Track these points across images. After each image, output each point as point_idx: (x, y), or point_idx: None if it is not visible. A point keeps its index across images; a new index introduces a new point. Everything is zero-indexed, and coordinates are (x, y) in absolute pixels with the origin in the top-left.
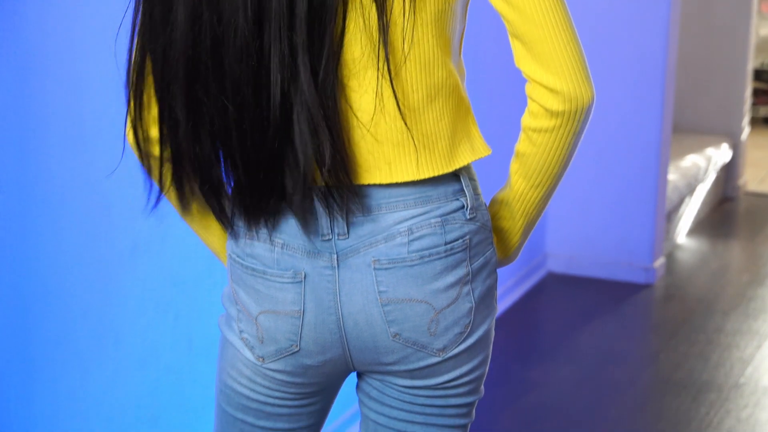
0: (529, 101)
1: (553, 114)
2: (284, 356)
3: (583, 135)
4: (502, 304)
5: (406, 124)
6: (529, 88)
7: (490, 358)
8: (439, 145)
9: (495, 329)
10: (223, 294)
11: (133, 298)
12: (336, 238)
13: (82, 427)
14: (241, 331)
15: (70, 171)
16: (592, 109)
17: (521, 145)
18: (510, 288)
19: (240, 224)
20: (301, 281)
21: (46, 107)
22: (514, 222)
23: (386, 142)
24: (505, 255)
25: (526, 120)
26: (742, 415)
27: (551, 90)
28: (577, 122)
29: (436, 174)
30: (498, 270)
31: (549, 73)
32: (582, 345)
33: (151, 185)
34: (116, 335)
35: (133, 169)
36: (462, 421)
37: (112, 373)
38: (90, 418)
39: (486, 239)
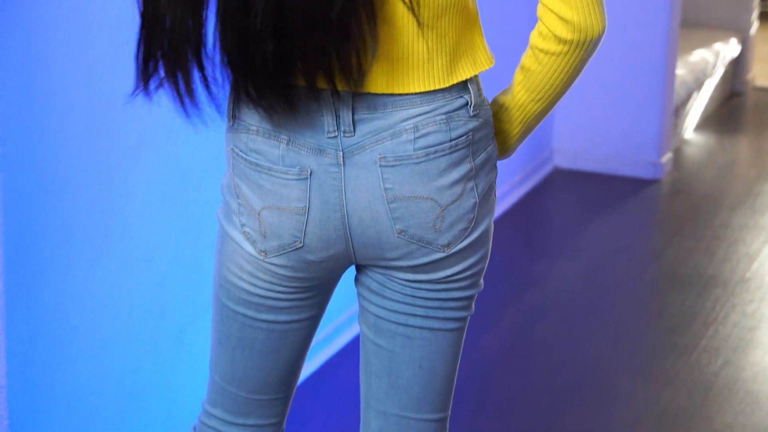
0: (539, 23)
1: (561, 41)
2: (287, 252)
3: (589, 60)
4: (508, 200)
5: (411, 38)
6: (541, 11)
7: (489, 253)
8: (440, 61)
9: (502, 225)
10: (222, 184)
11: (139, 192)
12: (342, 135)
13: (88, 322)
14: (242, 225)
15: (74, 63)
16: (602, 39)
17: (527, 60)
18: (516, 183)
19: (241, 117)
20: (307, 178)
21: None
22: (511, 126)
23: (390, 55)
24: (500, 154)
25: (535, 38)
26: (747, 310)
27: (562, 18)
28: (584, 51)
29: (434, 88)
30: (505, 165)
31: (561, 2)
32: (588, 240)
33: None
34: (122, 229)
35: None
36: (462, 314)
37: (119, 268)
38: (96, 312)
39: (488, 135)
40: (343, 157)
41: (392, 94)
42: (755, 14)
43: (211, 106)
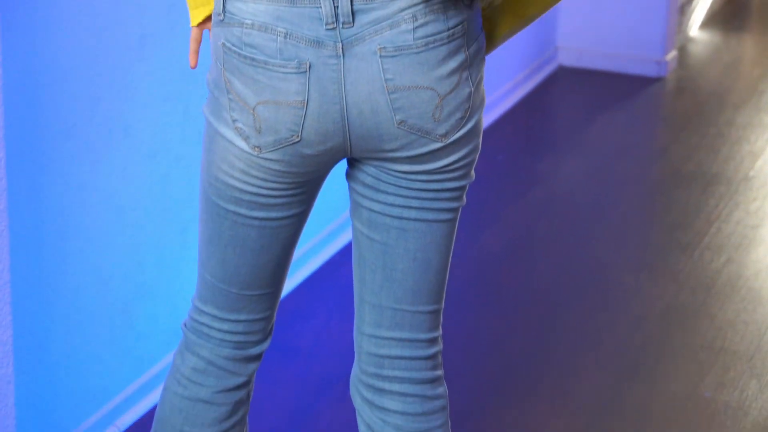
0: None
1: None
2: (283, 146)
3: None
4: (512, 98)
5: None
6: None
7: (480, 143)
8: None
9: (505, 123)
10: (208, 80)
11: (142, 89)
12: (341, 26)
13: (92, 218)
14: (234, 121)
15: None
16: None
17: None
18: (520, 82)
19: (233, 10)
20: (306, 71)
21: None
22: (497, 28)
23: None
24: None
25: None
26: (750, 208)
27: None
28: None
29: None
30: (509, 63)
31: None
32: (592, 138)
33: None
34: (126, 127)
35: None
36: (455, 204)
37: (122, 165)
38: (100, 209)
39: (479, 25)
40: (342, 49)
41: None
42: None
43: None
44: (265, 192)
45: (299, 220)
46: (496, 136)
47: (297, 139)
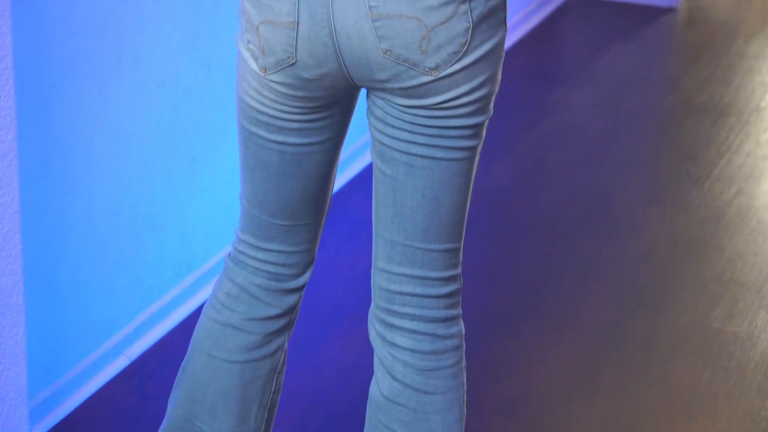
0: None
1: None
2: (283, 68)
3: None
4: (522, 29)
5: None
6: None
7: (498, 80)
8: None
9: (516, 54)
10: (238, 9)
11: (151, 18)
12: None
13: (101, 148)
14: (248, 42)
15: None
16: None
17: None
18: (531, 12)
19: None
20: None
21: None
22: None
23: None
24: None
25: None
26: (761, 139)
27: None
28: None
29: None
30: None
31: None
32: (603, 69)
33: None
34: (135, 57)
35: None
36: (466, 143)
37: (131, 95)
38: (109, 139)
39: None
40: None
41: None
42: None
43: None
44: (279, 115)
45: (322, 149)
46: (506, 67)
47: (293, 61)
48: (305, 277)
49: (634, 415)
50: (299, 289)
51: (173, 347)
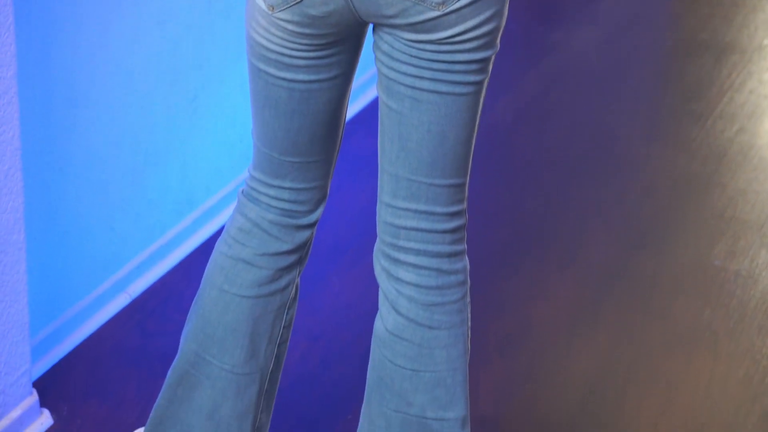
0: None
1: None
2: (290, 6)
3: None
4: None
5: None
6: None
7: (504, 14)
8: None
9: None
10: None
11: None
12: None
13: (102, 86)
14: None
15: None
16: None
17: None
18: None
19: None
20: None
21: None
22: None
23: None
24: None
25: None
26: (763, 77)
27: None
28: None
29: None
30: None
31: None
32: (605, 7)
33: None
34: None
35: None
36: (472, 78)
37: (132, 32)
38: (110, 76)
39: None
40: None
41: None
42: None
43: None
44: (287, 52)
45: (331, 86)
46: (509, 6)
47: None
48: (317, 214)
49: (634, 352)
50: (311, 225)
51: (174, 285)
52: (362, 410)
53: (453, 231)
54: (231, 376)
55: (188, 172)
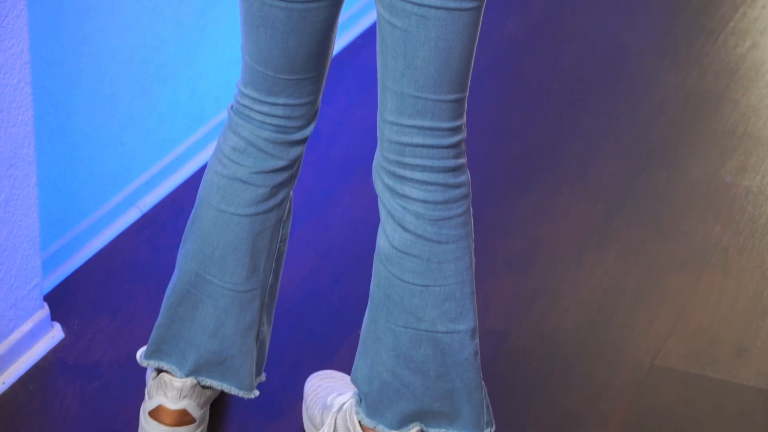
0: None
1: None
2: None
3: None
4: None
5: None
6: None
7: None
8: None
9: None
10: None
11: None
12: None
13: (111, 0)
14: None
15: None
16: None
17: None
18: None
19: None
20: None
21: None
22: None
23: None
24: None
25: None
26: None
27: None
28: None
29: None
30: None
31: None
32: None
33: None
34: None
35: None
36: None
37: None
38: None
39: None
40: None
41: None
42: None
43: None
44: None
45: (329, 4)
46: None
47: None
48: (310, 129)
49: (644, 269)
50: (304, 140)
51: (185, 200)
52: (364, 327)
53: (456, 145)
54: (233, 294)
55: (198, 86)
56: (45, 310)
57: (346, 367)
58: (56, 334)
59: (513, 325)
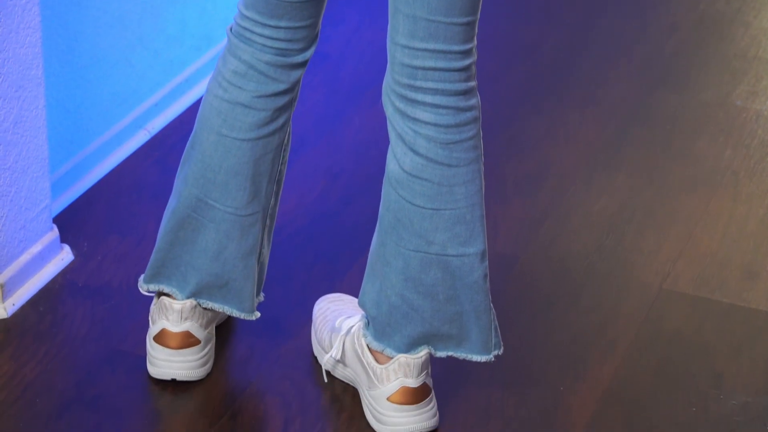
0: None
1: None
2: None
3: None
4: None
5: None
6: None
7: None
8: None
9: None
10: None
11: None
12: None
13: None
14: None
15: None
16: None
17: None
18: None
19: None
20: None
21: None
22: None
23: None
24: None
25: None
26: None
27: None
28: None
29: None
30: None
31: None
32: None
33: None
34: None
35: None
36: None
37: None
38: None
39: None
40: None
41: None
42: None
43: None
44: None
45: None
46: None
47: None
48: (311, 51)
49: (654, 191)
50: (305, 63)
51: (193, 122)
52: (373, 250)
53: (467, 68)
54: (235, 218)
55: (207, 7)
56: (54, 232)
57: (355, 290)
58: (66, 255)
59: (522, 248)
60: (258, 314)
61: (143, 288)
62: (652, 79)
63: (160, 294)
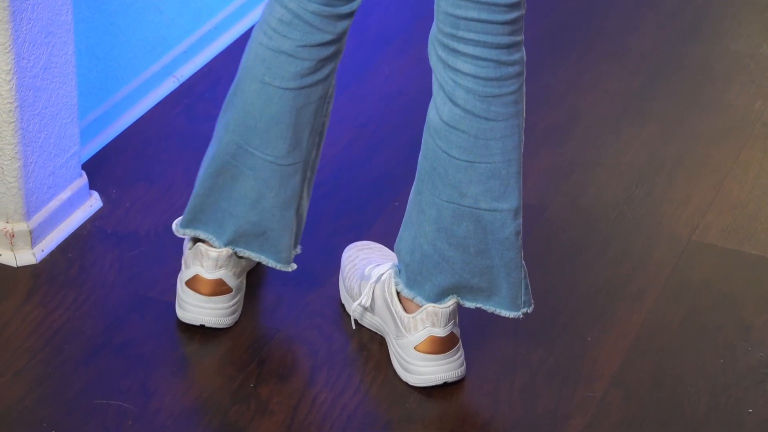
0: None
1: None
2: None
3: None
4: None
5: None
6: None
7: None
8: None
9: None
10: None
11: None
12: None
13: None
14: None
15: None
16: None
17: None
18: None
19: None
20: None
21: None
22: None
23: None
24: None
25: None
26: None
27: None
28: None
29: None
30: None
31: None
32: None
33: None
34: None
35: None
36: None
37: None
38: None
39: None
40: None
41: None
42: None
43: None
44: None
45: None
46: None
47: None
48: (358, 2)
49: (683, 142)
50: (351, 14)
51: (222, 70)
52: (411, 198)
53: (513, 22)
54: (275, 167)
55: None
56: (83, 179)
57: (383, 239)
58: (94, 202)
59: (550, 198)
60: (294, 266)
61: (179, 232)
62: (682, 29)
63: (195, 240)
